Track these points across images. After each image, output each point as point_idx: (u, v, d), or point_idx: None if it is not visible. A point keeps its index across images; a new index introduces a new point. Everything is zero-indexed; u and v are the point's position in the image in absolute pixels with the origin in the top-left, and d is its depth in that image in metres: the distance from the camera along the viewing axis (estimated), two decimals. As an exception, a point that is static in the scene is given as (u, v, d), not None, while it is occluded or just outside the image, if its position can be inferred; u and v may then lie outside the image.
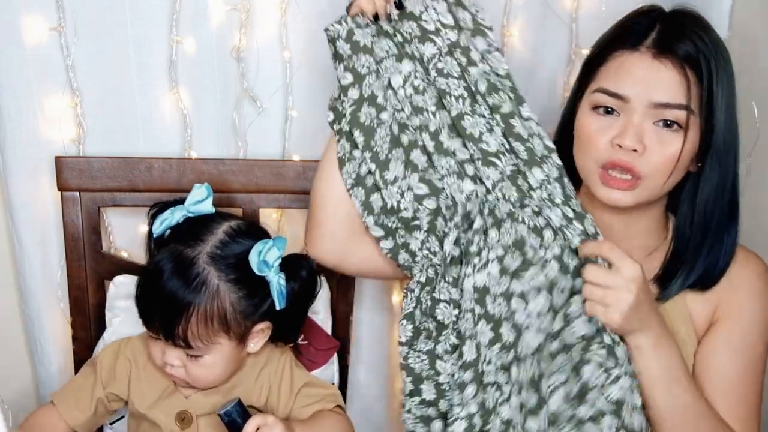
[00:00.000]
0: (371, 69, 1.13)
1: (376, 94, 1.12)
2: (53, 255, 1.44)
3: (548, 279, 1.07)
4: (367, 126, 1.12)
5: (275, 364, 1.26)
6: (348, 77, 1.14)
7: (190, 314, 1.11)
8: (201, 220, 1.20)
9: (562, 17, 1.48)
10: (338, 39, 1.15)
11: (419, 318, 1.14)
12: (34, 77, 1.35)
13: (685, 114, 1.06)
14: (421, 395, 1.13)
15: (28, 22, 1.33)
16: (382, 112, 1.12)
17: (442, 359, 1.11)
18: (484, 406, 1.08)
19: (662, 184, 1.10)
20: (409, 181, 1.12)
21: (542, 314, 1.07)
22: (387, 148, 1.12)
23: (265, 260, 1.15)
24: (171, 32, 1.37)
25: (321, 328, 1.39)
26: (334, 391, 1.29)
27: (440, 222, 1.13)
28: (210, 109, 1.43)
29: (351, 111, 1.12)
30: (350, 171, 1.15)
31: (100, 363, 1.26)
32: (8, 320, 1.52)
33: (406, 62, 1.13)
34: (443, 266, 1.12)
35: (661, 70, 1.07)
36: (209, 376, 1.18)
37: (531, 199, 1.11)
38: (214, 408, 1.20)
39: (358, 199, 1.15)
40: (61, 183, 1.35)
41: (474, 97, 1.12)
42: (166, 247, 1.17)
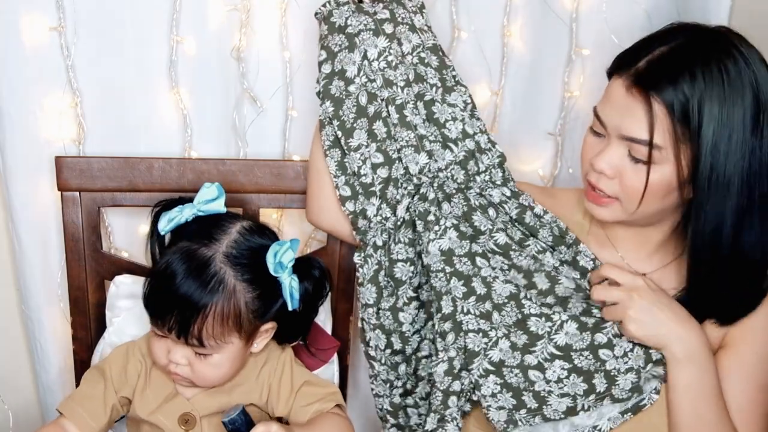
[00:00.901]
0: (343, 46, 1.23)
1: (345, 68, 1.22)
2: (53, 255, 1.44)
3: (499, 245, 1.19)
4: (336, 97, 1.22)
5: (275, 362, 1.26)
6: (323, 54, 1.25)
7: (207, 313, 1.11)
8: (212, 220, 1.19)
9: (562, 17, 1.48)
10: (321, 22, 1.26)
11: (382, 278, 1.23)
12: (34, 77, 1.35)
13: (646, 150, 1.06)
14: (393, 347, 1.25)
15: (28, 22, 1.33)
16: (350, 85, 1.22)
17: (402, 311, 1.23)
18: (466, 349, 1.17)
19: (635, 209, 1.10)
20: (369, 150, 1.22)
21: (504, 269, 1.18)
22: (353, 117, 1.22)
23: (280, 261, 1.15)
24: (171, 32, 1.37)
25: (321, 328, 1.39)
26: (334, 389, 1.28)
27: (391, 190, 1.22)
28: (210, 109, 1.43)
29: (323, 84, 1.24)
30: (328, 133, 1.24)
31: (109, 367, 1.24)
32: (8, 320, 1.52)
33: (382, 38, 1.22)
34: (395, 230, 1.22)
35: (630, 104, 1.06)
36: (215, 375, 1.18)
37: (475, 182, 1.23)
38: (217, 409, 1.20)
39: (334, 160, 1.24)
40: (61, 183, 1.35)
41: (447, 88, 1.23)
42: (176, 246, 1.16)
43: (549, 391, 1.14)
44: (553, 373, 1.14)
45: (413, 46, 1.23)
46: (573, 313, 1.15)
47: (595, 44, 1.48)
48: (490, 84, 1.51)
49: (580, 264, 1.19)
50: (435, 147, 1.22)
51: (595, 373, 1.13)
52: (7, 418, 1.51)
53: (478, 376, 1.16)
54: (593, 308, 1.15)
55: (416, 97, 1.22)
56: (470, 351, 1.16)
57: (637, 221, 1.14)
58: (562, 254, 1.20)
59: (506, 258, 1.18)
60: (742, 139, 1.05)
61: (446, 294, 1.18)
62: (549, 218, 1.21)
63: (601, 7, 1.47)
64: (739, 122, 1.04)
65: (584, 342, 1.14)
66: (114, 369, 1.24)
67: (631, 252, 1.19)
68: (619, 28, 1.44)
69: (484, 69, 1.51)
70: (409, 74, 1.22)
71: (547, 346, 1.14)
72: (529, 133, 1.54)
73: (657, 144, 1.05)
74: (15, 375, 1.55)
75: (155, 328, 1.16)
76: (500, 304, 1.17)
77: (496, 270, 1.18)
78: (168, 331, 1.13)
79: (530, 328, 1.15)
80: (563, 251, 1.20)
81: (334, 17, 1.24)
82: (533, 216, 1.21)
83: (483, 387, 1.16)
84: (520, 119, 1.53)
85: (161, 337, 1.16)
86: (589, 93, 1.50)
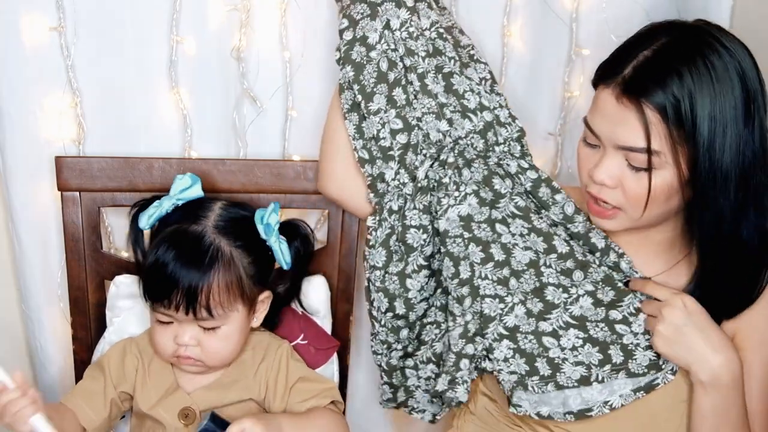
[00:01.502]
0: (365, 14, 1.24)
1: (367, 35, 1.23)
2: (53, 255, 1.44)
3: (519, 207, 1.20)
4: (357, 62, 1.24)
5: (272, 357, 1.27)
6: (345, 22, 1.25)
7: (211, 282, 1.16)
8: (192, 204, 1.25)
9: (562, 17, 1.48)
10: None
11: (393, 243, 1.24)
12: (34, 77, 1.35)
13: (645, 157, 1.05)
14: (395, 311, 1.25)
15: (28, 22, 1.33)
16: (372, 51, 1.24)
17: (410, 277, 1.23)
18: (482, 314, 1.19)
19: (640, 215, 1.10)
20: (387, 115, 1.23)
21: (524, 234, 1.19)
22: (373, 82, 1.23)
23: (268, 223, 1.24)
24: (171, 32, 1.37)
25: (321, 328, 1.39)
26: (330, 385, 1.29)
27: (410, 156, 1.24)
28: (210, 109, 1.43)
29: (345, 50, 1.24)
30: (347, 97, 1.25)
31: (107, 363, 1.26)
32: (8, 320, 1.52)
33: (404, 10, 1.24)
34: (412, 196, 1.23)
35: (623, 113, 1.06)
36: (225, 349, 1.21)
37: (493, 152, 1.25)
38: (217, 403, 1.22)
39: (352, 124, 1.25)
40: (61, 183, 1.35)
41: (463, 63, 1.26)
42: (165, 232, 1.20)
43: (563, 358, 1.15)
44: (567, 340, 1.15)
45: (431, 21, 1.25)
46: (594, 278, 1.16)
47: (595, 44, 1.48)
48: (490, 84, 1.51)
49: (592, 240, 1.19)
50: (455, 116, 1.23)
51: (611, 345, 1.14)
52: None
53: (492, 340, 1.18)
54: (615, 275, 1.16)
55: (435, 69, 1.24)
56: (486, 316, 1.18)
57: (641, 226, 1.15)
58: (574, 227, 1.20)
59: (526, 221, 1.19)
60: (736, 132, 1.05)
61: (464, 259, 1.20)
62: (561, 197, 1.21)
63: (601, 7, 1.46)
64: (731, 115, 1.04)
65: (599, 316, 1.15)
66: (112, 364, 1.26)
67: (636, 254, 1.19)
68: (619, 28, 1.44)
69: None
70: (429, 47, 1.24)
71: (563, 315, 1.16)
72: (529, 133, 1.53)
73: (655, 150, 1.05)
74: (15, 375, 1.55)
75: (160, 313, 1.18)
76: (519, 271, 1.19)
77: (515, 237, 1.19)
78: (176, 309, 1.15)
79: (546, 297, 1.17)
80: (577, 224, 1.20)
81: None
82: (548, 190, 1.22)
83: (496, 351, 1.18)
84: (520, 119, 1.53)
85: (165, 324, 1.18)
86: (589, 93, 1.48)
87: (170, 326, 1.19)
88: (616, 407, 1.14)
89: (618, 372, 1.14)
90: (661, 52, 1.06)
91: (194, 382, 1.24)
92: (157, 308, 1.18)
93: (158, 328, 1.20)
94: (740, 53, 1.06)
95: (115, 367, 1.26)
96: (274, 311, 1.31)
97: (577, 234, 1.20)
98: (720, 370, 1.08)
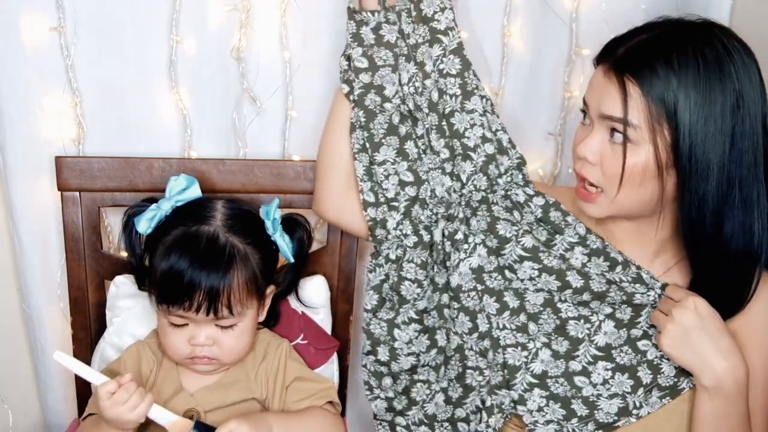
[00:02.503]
0: (387, 63, 1.22)
1: (385, 86, 1.22)
2: (53, 255, 1.44)
3: (527, 249, 1.18)
4: (370, 110, 1.22)
5: (272, 356, 1.27)
6: (364, 62, 1.23)
7: (231, 283, 1.17)
8: (192, 205, 1.25)
9: (562, 17, 1.48)
10: (364, 24, 1.23)
11: (386, 290, 1.24)
12: (34, 77, 1.36)
13: (621, 126, 1.07)
14: (377, 356, 1.25)
15: (28, 22, 1.33)
16: (386, 103, 1.23)
17: (399, 328, 1.23)
18: (506, 365, 1.19)
19: (615, 194, 1.10)
20: (397, 167, 1.23)
21: (535, 277, 1.18)
22: (382, 133, 1.22)
23: (274, 218, 1.26)
24: (171, 32, 1.37)
25: (321, 328, 1.39)
26: (327, 385, 1.29)
27: (416, 209, 1.23)
28: (210, 109, 1.43)
29: (359, 93, 1.23)
30: (358, 137, 1.24)
31: (123, 368, 1.25)
32: (8, 320, 1.52)
33: (412, 64, 1.23)
34: (412, 248, 1.23)
35: (607, 85, 1.09)
36: (240, 345, 1.22)
37: (498, 185, 1.24)
38: (220, 403, 1.22)
39: (362, 165, 1.24)
40: (61, 183, 1.35)
41: (466, 93, 1.24)
42: (172, 236, 1.19)
43: (597, 394, 1.16)
44: (598, 375, 1.16)
45: (434, 59, 1.23)
46: (613, 300, 1.16)
47: (595, 44, 1.46)
48: (490, 84, 1.51)
49: (611, 255, 1.17)
50: (457, 167, 1.23)
51: (638, 366, 1.15)
52: (7, 418, 1.51)
53: (522, 391, 1.18)
54: (635, 294, 1.15)
55: (438, 114, 1.24)
56: (510, 366, 1.18)
57: (626, 214, 1.14)
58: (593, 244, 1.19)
59: (536, 261, 1.18)
60: (721, 127, 1.05)
61: (480, 312, 1.20)
62: (572, 219, 1.21)
63: (601, 7, 1.46)
64: (717, 110, 1.05)
65: (622, 339, 1.15)
66: (129, 368, 1.25)
67: (633, 255, 1.19)
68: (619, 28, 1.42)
69: (484, 69, 1.50)
70: (433, 95, 1.23)
71: (589, 349, 1.16)
72: (529, 133, 1.54)
73: (632, 122, 1.06)
74: (15, 375, 1.55)
75: (176, 317, 1.18)
76: (536, 314, 1.19)
77: (525, 281, 1.18)
78: (196, 311, 1.16)
79: (570, 333, 1.17)
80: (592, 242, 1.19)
81: (383, 31, 1.22)
82: (558, 213, 1.21)
83: (528, 402, 1.17)
84: (520, 119, 1.53)
85: (179, 327, 1.18)
86: (589, 93, 1.50)
87: (185, 328, 1.19)
88: (643, 415, 1.15)
89: (651, 391, 1.14)
90: (657, 38, 1.09)
91: (196, 383, 1.24)
92: (174, 312, 1.17)
93: (171, 331, 1.20)
94: (740, 56, 1.06)
95: (132, 370, 1.25)
96: (273, 306, 1.32)
97: (596, 250, 1.18)
98: (724, 377, 1.08)
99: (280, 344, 1.29)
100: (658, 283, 1.16)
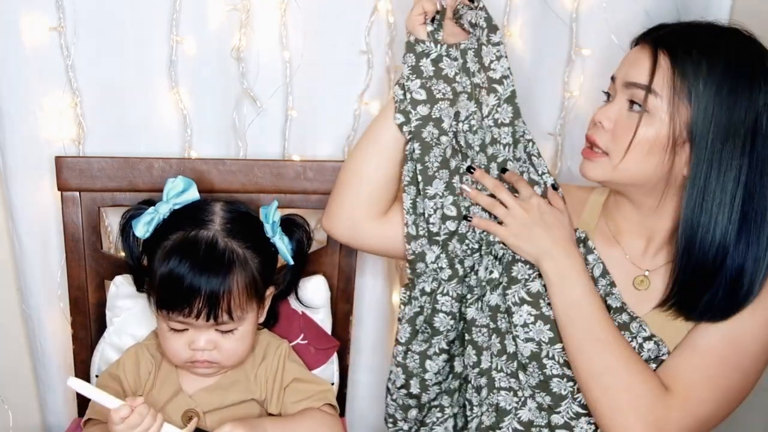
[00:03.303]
0: (446, 96, 1.21)
1: (443, 119, 1.21)
2: (53, 255, 1.44)
3: (531, 293, 1.18)
4: (426, 142, 1.20)
5: (271, 357, 1.27)
6: (422, 94, 1.20)
7: (231, 288, 1.16)
8: (190, 208, 1.24)
9: (562, 17, 1.48)
10: (425, 56, 1.21)
11: (419, 323, 1.23)
12: (34, 77, 1.36)
13: (644, 94, 1.09)
14: (409, 389, 1.26)
15: (28, 22, 1.33)
16: (443, 136, 1.21)
17: (430, 359, 1.23)
18: (498, 407, 1.20)
19: (620, 159, 1.11)
20: (444, 200, 1.21)
21: (529, 323, 1.17)
22: (436, 167, 1.21)
23: (274, 221, 1.25)
24: (171, 32, 1.37)
25: (321, 328, 1.39)
26: (325, 387, 1.29)
27: (454, 244, 1.21)
28: (210, 109, 1.43)
29: (416, 125, 1.20)
30: (409, 169, 1.22)
31: (123, 372, 1.25)
32: (8, 320, 1.52)
33: (473, 103, 1.22)
34: (447, 281, 1.21)
35: (639, 55, 1.12)
36: (241, 349, 1.22)
37: None
38: (219, 404, 1.22)
39: (409, 197, 1.22)
40: (61, 183, 1.35)
41: (515, 141, 1.23)
42: (171, 240, 1.18)
43: None
44: (581, 429, 1.16)
45: (490, 108, 1.22)
46: None
47: (595, 44, 1.48)
48: (490, 84, 1.51)
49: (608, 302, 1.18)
50: None
51: None
52: (7, 418, 1.51)
53: None
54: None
55: (489, 159, 1.22)
56: (501, 409, 1.20)
57: (625, 184, 1.15)
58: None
59: (535, 307, 1.17)
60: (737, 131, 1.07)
61: (486, 349, 1.21)
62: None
63: (601, 7, 1.46)
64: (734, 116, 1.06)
65: None
66: (128, 372, 1.25)
67: (636, 249, 1.20)
68: (619, 28, 1.44)
69: (484, 69, 1.51)
70: (486, 137, 1.22)
71: (572, 406, 1.16)
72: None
73: (655, 90, 1.09)
74: (15, 375, 1.55)
75: (176, 322, 1.17)
76: (524, 364, 1.18)
77: (517, 327, 1.18)
78: (196, 317, 1.15)
79: (552, 389, 1.17)
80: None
81: (443, 64, 1.21)
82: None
83: None
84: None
85: (179, 331, 1.18)
86: (589, 93, 1.50)
87: (185, 333, 1.18)
88: None
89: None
90: (701, 30, 1.13)
91: (195, 385, 1.24)
92: (174, 317, 1.17)
93: (171, 336, 1.19)
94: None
95: (132, 373, 1.25)
96: (272, 306, 1.32)
97: None
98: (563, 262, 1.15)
99: (279, 345, 1.29)
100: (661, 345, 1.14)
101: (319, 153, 1.47)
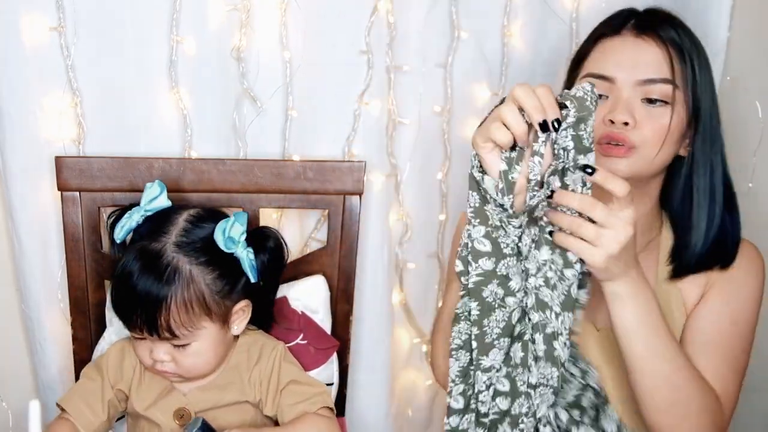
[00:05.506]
0: (513, 251, 1.00)
1: (511, 277, 1.00)
2: (53, 255, 1.44)
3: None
4: (488, 303, 1.00)
5: (267, 359, 1.26)
6: (486, 245, 0.99)
7: (169, 304, 1.13)
8: (160, 215, 1.22)
9: (562, 17, 1.48)
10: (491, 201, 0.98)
11: None
12: (34, 77, 1.36)
13: (671, 88, 1.11)
14: None
15: (28, 22, 1.33)
16: (509, 297, 1.01)
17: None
18: None
19: (654, 155, 1.12)
20: (498, 374, 1.04)
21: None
22: (497, 333, 1.01)
23: (230, 237, 1.18)
24: (171, 32, 1.37)
25: (320, 328, 1.39)
26: (321, 390, 1.28)
27: (504, 428, 1.05)
28: (210, 109, 1.43)
29: (476, 280, 0.99)
30: (462, 331, 1.04)
31: (106, 362, 1.26)
32: (8, 320, 1.52)
33: (545, 249, 0.99)
34: None
35: (644, 48, 1.12)
36: (200, 364, 1.20)
37: None
38: (212, 404, 1.22)
39: (460, 363, 1.04)
40: (61, 183, 1.35)
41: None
42: (131, 247, 1.19)
43: None
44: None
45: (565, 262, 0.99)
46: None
47: (596, 44, 1.48)
48: (490, 84, 1.51)
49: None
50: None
51: None
52: (7, 418, 1.51)
53: None
54: None
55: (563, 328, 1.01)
56: None
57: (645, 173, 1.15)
58: None
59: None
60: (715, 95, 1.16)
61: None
62: None
63: (601, 7, 1.46)
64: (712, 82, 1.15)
65: None
66: (110, 364, 1.26)
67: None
68: (620, 28, 1.44)
69: (484, 69, 1.51)
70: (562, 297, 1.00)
71: None
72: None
73: (676, 83, 1.11)
74: (15, 375, 1.54)
75: (131, 331, 1.18)
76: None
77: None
78: (139, 331, 1.15)
79: None
80: None
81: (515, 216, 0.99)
82: None
83: None
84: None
85: (141, 339, 1.18)
86: (589, 93, 1.50)
87: (145, 341, 1.18)
88: None
89: None
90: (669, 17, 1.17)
91: (190, 384, 1.24)
92: (126, 326, 1.18)
93: (135, 342, 1.20)
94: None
95: (114, 366, 1.26)
96: (264, 314, 1.30)
97: None
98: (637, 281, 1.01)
99: (275, 347, 1.28)
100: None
101: (319, 153, 1.47)
